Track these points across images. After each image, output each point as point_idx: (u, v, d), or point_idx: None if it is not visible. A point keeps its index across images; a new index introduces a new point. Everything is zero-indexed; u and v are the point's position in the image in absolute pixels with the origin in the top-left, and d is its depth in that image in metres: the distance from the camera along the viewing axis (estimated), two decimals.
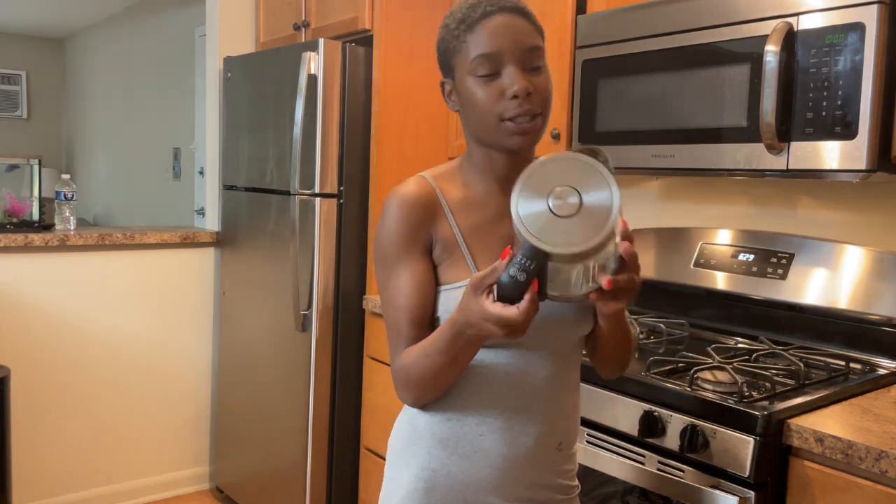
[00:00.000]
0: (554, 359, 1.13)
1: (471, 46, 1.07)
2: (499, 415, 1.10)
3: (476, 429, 1.11)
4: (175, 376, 3.18)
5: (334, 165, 2.56)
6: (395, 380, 1.12)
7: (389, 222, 1.11)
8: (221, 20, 3.17)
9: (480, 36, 1.07)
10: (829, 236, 1.93)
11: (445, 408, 1.12)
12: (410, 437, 1.16)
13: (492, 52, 1.06)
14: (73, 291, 2.91)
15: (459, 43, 1.09)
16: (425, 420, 1.14)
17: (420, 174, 1.17)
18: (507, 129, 1.07)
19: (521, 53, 1.07)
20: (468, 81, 1.08)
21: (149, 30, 5.74)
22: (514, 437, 1.11)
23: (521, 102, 1.05)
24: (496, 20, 1.07)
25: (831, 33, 1.52)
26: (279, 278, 2.76)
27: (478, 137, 1.12)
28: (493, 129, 1.08)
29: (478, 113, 1.08)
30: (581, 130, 2.08)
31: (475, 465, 1.11)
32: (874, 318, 1.74)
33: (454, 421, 1.11)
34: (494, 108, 1.06)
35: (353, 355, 2.65)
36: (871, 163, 1.49)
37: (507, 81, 1.06)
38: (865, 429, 1.30)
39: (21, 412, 2.84)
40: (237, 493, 3.06)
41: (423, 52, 2.60)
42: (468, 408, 1.11)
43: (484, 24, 1.07)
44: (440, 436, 1.12)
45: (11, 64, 7.56)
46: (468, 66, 1.08)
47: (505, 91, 1.06)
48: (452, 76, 1.13)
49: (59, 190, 2.95)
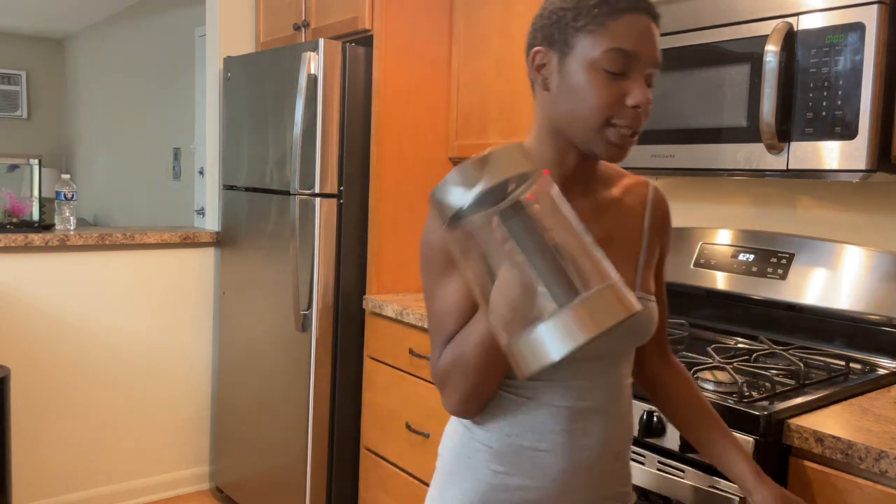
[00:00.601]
0: (609, 364, 1.07)
1: (609, 34, 0.96)
2: (561, 431, 1.04)
3: (536, 445, 1.04)
4: (175, 376, 3.18)
5: (334, 165, 2.56)
6: (437, 384, 1.04)
7: (437, 224, 1.00)
8: (221, 20, 3.17)
9: (624, 28, 0.96)
10: (829, 236, 1.93)
11: (503, 425, 1.05)
12: (465, 448, 1.09)
13: (632, 51, 0.96)
14: (73, 291, 2.91)
15: (596, 24, 0.96)
16: (482, 433, 1.07)
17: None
18: (608, 136, 0.98)
19: (652, 67, 0.99)
20: (586, 69, 0.97)
21: (149, 30, 5.74)
22: (574, 451, 1.05)
23: (636, 115, 0.98)
24: (643, 21, 0.98)
25: (831, 33, 1.52)
26: (279, 278, 2.76)
27: (563, 129, 1.02)
28: (594, 131, 0.98)
29: (583, 107, 0.98)
30: None
31: (535, 481, 1.04)
32: (874, 318, 1.74)
33: (513, 437, 1.05)
34: (608, 109, 0.97)
35: (353, 355, 2.65)
36: (871, 163, 1.49)
37: (632, 88, 0.97)
38: (865, 429, 1.30)
39: (21, 412, 2.84)
40: (237, 493, 3.06)
41: (423, 52, 2.61)
42: (526, 424, 1.04)
43: (632, 19, 0.97)
44: (498, 450, 1.05)
45: (11, 64, 7.55)
46: (595, 54, 0.96)
47: (626, 97, 0.97)
48: (560, 51, 1.00)
49: (59, 190, 2.95)
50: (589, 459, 1.06)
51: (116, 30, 6.35)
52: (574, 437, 1.04)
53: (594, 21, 0.96)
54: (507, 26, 2.40)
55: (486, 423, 1.07)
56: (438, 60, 2.65)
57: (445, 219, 0.78)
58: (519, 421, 1.04)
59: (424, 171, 2.66)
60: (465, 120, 2.60)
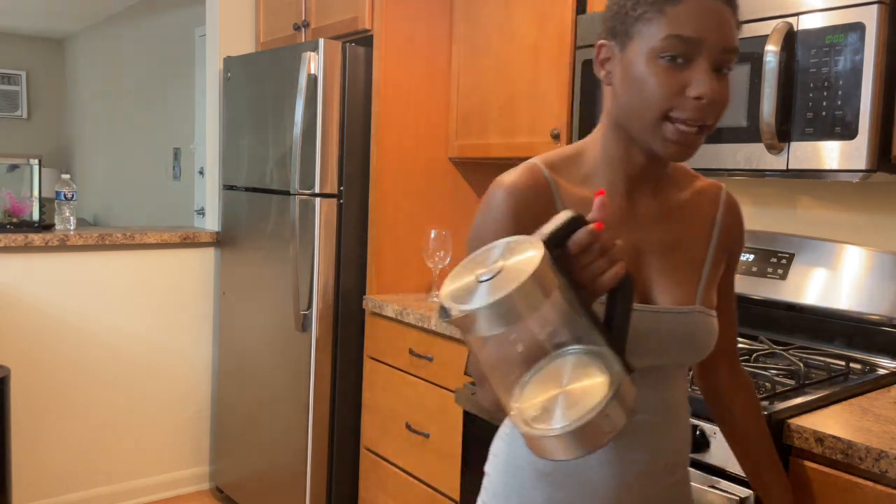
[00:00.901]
0: (662, 376, 1.01)
1: (667, 20, 0.89)
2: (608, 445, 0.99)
3: (582, 461, 0.98)
4: (175, 376, 3.18)
5: (334, 165, 2.56)
6: (475, 381, 0.99)
7: (491, 214, 0.96)
8: (221, 20, 3.17)
9: (684, 13, 0.89)
10: (829, 236, 1.93)
11: None
12: (509, 468, 1.05)
13: (692, 36, 0.89)
14: (73, 291, 2.91)
15: (654, 11, 0.90)
16: (525, 451, 1.01)
17: (533, 160, 0.99)
18: (666, 132, 0.91)
19: (719, 53, 0.90)
20: (645, 59, 0.91)
21: (149, 30, 5.74)
22: (623, 466, 0.99)
23: (698, 107, 0.89)
24: (707, 3, 0.90)
25: (831, 33, 1.52)
26: (279, 278, 2.76)
27: (625, 125, 0.96)
28: (651, 125, 0.92)
29: (642, 99, 0.91)
30: (581, 130, 2.08)
31: (584, 498, 0.99)
32: (874, 318, 1.74)
33: None
34: (666, 101, 0.90)
35: (353, 355, 2.65)
36: (871, 163, 1.49)
37: (694, 77, 0.89)
38: (865, 429, 1.30)
39: (21, 412, 2.83)
40: (237, 493, 3.06)
41: (423, 52, 2.60)
42: None
43: (694, 2, 0.89)
44: (543, 469, 1.00)
45: (11, 64, 7.55)
46: (654, 42, 0.90)
47: (688, 87, 0.89)
48: (622, 43, 0.94)
49: (59, 190, 2.95)
50: (639, 474, 1.00)
51: (116, 30, 6.35)
52: (622, 452, 0.99)
53: (652, 8, 0.90)
54: (507, 26, 2.40)
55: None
56: (438, 60, 2.65)
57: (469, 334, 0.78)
58: None
59: (424, 172, 2.66)
60: (465, 120, 2.60)
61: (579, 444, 0.74)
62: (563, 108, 2.21)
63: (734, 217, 1.11)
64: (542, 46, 2.28)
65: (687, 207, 1.06)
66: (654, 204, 1.03)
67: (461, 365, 2.13)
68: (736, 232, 1.11)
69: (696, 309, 1.02)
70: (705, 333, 1.01)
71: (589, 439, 0.74)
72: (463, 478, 2.07)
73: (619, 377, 0.76)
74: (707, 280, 1.05)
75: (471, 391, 1.99)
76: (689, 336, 1.00)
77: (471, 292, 0.75)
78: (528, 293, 0.73)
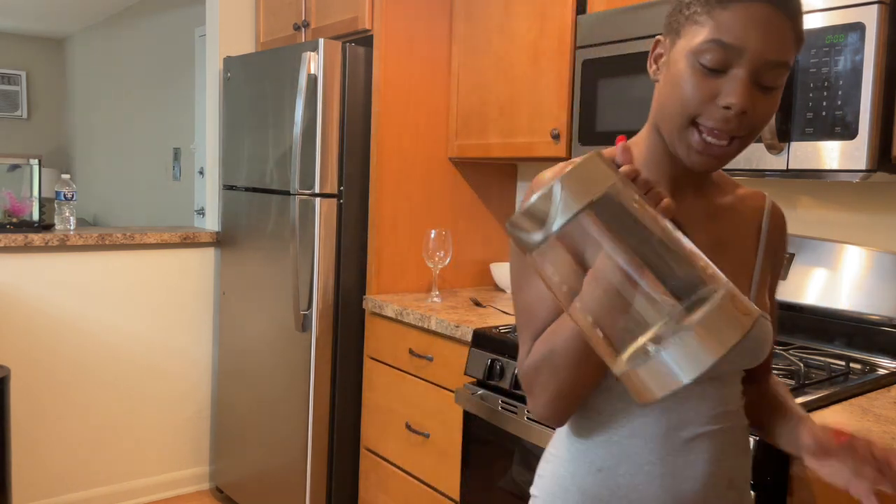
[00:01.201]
0: (718, 384, 0.97)
1: (713, 24, 0.86)
2: (657, 461, 0.94)
3: (631, 480, 0.94)
4: (175, 376, 3.18)
5: (334, 165, 2.56)
6: (524, 386, 0.95)
7: None
8: (221, 20, 3.17)
9: (730, 18, 0.85)
10: (829, 236, 1.93)
11: (593, 459, 0.97)
12: (557, 491, 1.00)
13: (732, 44, 0.85)
14: (73, 291, 2.91)
15: (703, 12, 0.87)
16: (570, 472, 0.98)
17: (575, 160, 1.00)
18: (691, 139, 0.89)
19: (762, 64, 0.86)
20: (685, 60, 0.88)
21: (149, 30, 5.74)
22: (677, 484, 0.94)
23: (726, 117, 0.86)
24: (760, 10, 0.85)
25: (831, 33, 1.52)
26: (279, 278, 2.76)
27: (659, 125, 0.94)
28: (677, 129, 0.89)
29: (673, 101, 0.89)
30: (581, 130, 2.08)
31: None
32: (874, 318, 1.74)
33: (605, 472, 0.95)
34: (694, 106, 0.87)
35: (353, 355, 2.65)
36: (871, 163, 1.49)
37: (727, 86, 0.86)
38: (865, 429, 1.30)
39: (21, 412, 2.84)
40: (237, 493, 3.06)
41: (423, 52, 2.61)
42: (619, 456, 0.95)
43: (742, 8, 0.85)
44: (590, 491, 0.96)
45: (11, 64, 7.55)
46: (695, 44, 0.87)
47: (718, 96, 0.86)
48: (672, 41, 0.91)
49: (59, 190, 2.95)
50: (695, 492, 0.94)
51: (116, 30, 6.35)
52: (674, 468, 0.94)
53: (703, 8, 0.87)
54: (507, 26, 2.40)
55: (576, 460, 0.98)
56: (438, 60, 2.65)
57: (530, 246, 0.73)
58: (610, 454, 0.95)
59: (424, 172, 2.66)
60: (465, 120, 2.60)
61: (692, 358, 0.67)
62: (563, 108, 2.21)
63: (780, 226, 1.09)
64: (542, 46, 2.28)
65: (732, 211, 1.03)
66: (698, 204, 1.00)
67: (461, 365, 2.13)
68: (781, 241, 1.09)
69: None
70: (762, 337, 0.98)
71: (702, 350, 0.67)
72: (463, 478, 2.07)
73: (727, 285, 0.70)
74: (758, 284, 1.03)
75: (471, 391, 1.99)
76: (748, 340, 0.95)
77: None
78: (597, 166, 0.71)
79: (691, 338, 0.68)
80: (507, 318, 2.25)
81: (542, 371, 0.91)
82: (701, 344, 0.68)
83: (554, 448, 1.04)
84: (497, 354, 1.95)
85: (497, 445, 1.93)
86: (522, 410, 1.84)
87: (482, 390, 1.97)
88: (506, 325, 2.07)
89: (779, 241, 1.09)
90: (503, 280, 2.74)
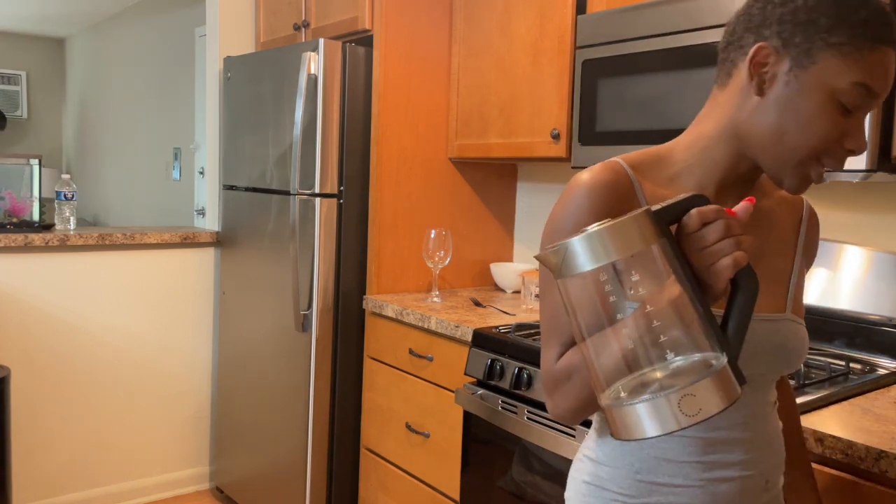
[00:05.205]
0: (752, 388, 0.97)
1: (863, 65, 0.82)
2: (696, 464, 0.94)
3: (671, 480, 0.94)
4: (175, 376, 3.18)
5: (334, 165, 2.56)
6: (548, 386, 0.94)
7: (571, 210, 0.91)
8: (221, 20, 3.17)
9: (877, 62, 0.83)
10: (829, 236, 1.93)
11: (632, 462, 0.96)
12: (591, 489, 0.99)
13: (875, 90, 0.84)
14: (73, 291, 2.91)
15: (853, 46, 0.82)
16: (608, 474, 0.97)
17: (615, 158, 0.96)
18: (805, 169, 0.87)
19: (876, 106, 0.87)
20: (820, 94, 0.84)
21: (149, 30, 5.74)
22: (715, 486, 0.94)
23: (843, 158, 0.86)
24: (892, 57, 0.84)
25: None
26: (279, 278, 2.76)
27: (752, 143, 0.90)
28: (795, 161, 0.87)
29: (800, 134, 0.85)
30: (581, 130, 2.08)
31: None
32: (874, 318, 1.74)
33: (643, 475, 0.95)
34: (821, 143, 0.85)
35: (353, 355, 2.65)
36: (872, 163, 1.49)
37: (855, 129, 0.85)
38: (865, 429, 1.30)
39: (21, 412, 2.83)
40: (237, 493, 3.06)
41: (423, 52, 2.61)
42: (658, 458, 0.95)
43: (885, 52, 0.83)
44: (628, 490, 0.96)
45: (11, 64, 7.55)
46: (841, 83, 0.83)
47: (846, 137, 0.85)
48: (797, 61, 0.85)
49: (59, 190, 2.95)
50: (733, 492, 0.95)
51: (116, 30, 6.35)
52: (712, 469, 0.94)
53: (851, 43, 0.82)
54: (507, 26, 2.40)
55: (612, 461, 0.98)
56: (438, 60, 2.65)
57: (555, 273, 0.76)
58: (647, 455, 0.95)
59: (424, 172, 2.66)
60: (465, 120, 2.60)
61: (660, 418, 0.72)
62: (563, 108, 2.21)
63: (815, 229, 1.10)
64: (542, 46, 2.28)
65: (773, 215, 1.03)
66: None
67: (461, 365, 2.13)
68: (814, 244, 1.10)
69: (786, 317, 0.99)
70: (798, 343, 0.98)
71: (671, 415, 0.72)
72: (463, 478, 2.07)
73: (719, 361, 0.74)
74: (795, 289, 1.03)
75: (471, 391, 1.99)
76: (782, 346, 0.96)
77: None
78: (625, 233, 0.71)
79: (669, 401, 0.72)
80: (506, 318, 2.25)
81: (574, 378, 0.90)
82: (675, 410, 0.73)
83: (589, 451, 1.03)
84: (497, 354, 1.95)
85: (497, 445, 1.93)
86: (522, 410, 1.83)
87: (482, 390, 1.97)
88: (505, 326, 2.07)
89: (813, 246, 1.09)
90: (503, 280, 2.74)
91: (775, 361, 0.96)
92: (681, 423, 0.72)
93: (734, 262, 0.75)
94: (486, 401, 1.93)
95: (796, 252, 1.05)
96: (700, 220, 0.76)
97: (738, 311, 0.78)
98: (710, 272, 0.76)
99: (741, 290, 0.78)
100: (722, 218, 0.76)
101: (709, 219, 0.76)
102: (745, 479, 0.96)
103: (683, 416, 0.72)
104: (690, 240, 0.76)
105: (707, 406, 0.72)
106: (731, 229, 0.76)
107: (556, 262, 0.74)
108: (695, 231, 0.76)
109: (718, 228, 0.75)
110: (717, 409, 0.72)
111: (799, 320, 1.01)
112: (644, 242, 0.72)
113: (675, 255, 0.75)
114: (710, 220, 0.76)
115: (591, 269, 0.72)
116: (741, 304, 0.78)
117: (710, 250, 0.76)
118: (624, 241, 0.72)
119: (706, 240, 0.76)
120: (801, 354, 0.98)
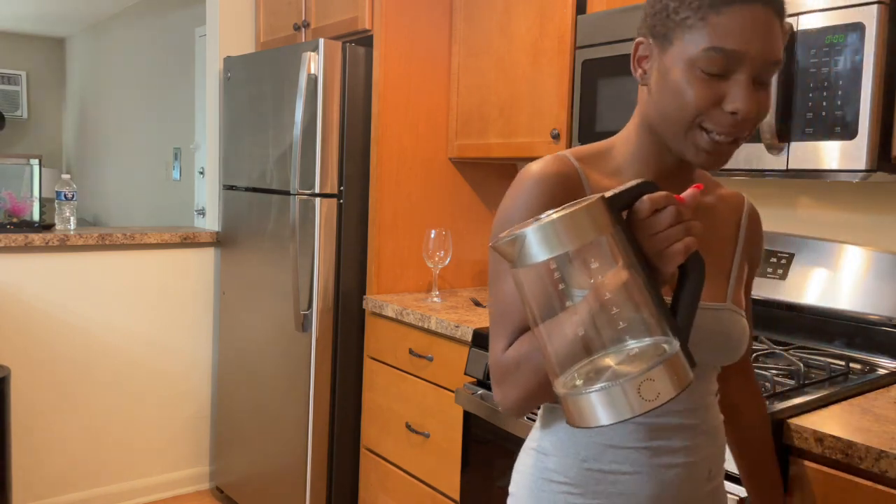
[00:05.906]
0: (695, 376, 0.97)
1: (710, 30, 0.85)
2: (643, 450, 0.95)
3: (618, 467, 0.95)
4: (175, 376, 3.18)
5: (334, 165, 2.56)
6: (496, 376, 0.93)
7: (521, 199, 0.94)
8: (221, 20, 3.17)
9: (727, 24, 0.85)
10: (829, 236, 1.93)
11: (578, 449, 0.96)
12: (538, 481, 0.99)
13: (734, 50, 0.85)
14: (73, 291, 2.91)
15: (695, 17, 0.86)
16: (556, 462, 0.98)
17: (561, 153, 0.98)
18: (699, 141, 0.89)
19: (763, 65, 0.86)
20: (682, 68, 0.87)
21: (149, 30, 5.74)
22: (661, 473, 0.95)
23: (733, 122, 0.87)
24: (754, 11, 0.85)
25: (831, 33, 1.52)
26: (279, 278, 2.76)
27: (658, 128, 0.94)
28: (682, 133, 0.90)
29: (674, 108, 0.89)
30: (581, 130, 2.08)
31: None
32: (874, 318, 1.74)
33: (590, 462, 0.95)
34: (700, 112, 0.87)
35: (353, 355, 2.65)
36: (871, 163, 1.49)
37: (733, 92, 0.86)
38: (865, 429, 1.30)
39: (21, 412, 2.84)
40: (237, 493, 3.06)
41: (423, 52, 2.61)
42: (604, 445, 0.95)
43: (737, 11, 0.84)
44: (575, 479, 0.96)
45: (11, 64, 7.55)
46: (692, 52, 0.86)
47: (724, 101, 0.87)
48: (661, 46, 0.90)
49: (59, 190, 2.95)
50: (679, 479, 0.96)
51: (116, 30, 6.35)
52: (658, 456, 0.95)
53: (695, 14, 0.86)
54: (507, 26, 2.40)
55: (558, 451, 0.98)
56: (438, 60, 2.65)
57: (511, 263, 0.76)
58: (593, 443, 0.96)
59: (424, 172, 2.66)
60: (465, 120, 2.60)
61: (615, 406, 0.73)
62: (563, 108, 2.21)
63: (756, 226, 1.12)
64: (542, 46, 2.28)
65: (714, 211, 1.06)
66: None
67: (461, 365, 2.13)
68: (757, 241, 1.12)
69: (727, 307, 1.01)
70: (738, 332, 0.99)
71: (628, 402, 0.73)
72: (463, 478, 2.07)
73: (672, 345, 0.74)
74: (735, 280, 1.05)
75: (471, 391, 1.99)
76: (724, 335, 0.98)
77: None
78: (578, 223, 0.72)
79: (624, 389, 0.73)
80: None
81: (522, 367, 0.90)
82: (630, 397, 0.73)
83: (534, 442, 1.04)
84: None
85: (497, 445, 1.93)
86: None
87: (482, 390, 1.97)
88: None
89: (755, 242, 1.12)
90: None
91: (717, 349, 0.98)
92: (641, 409, 0.73)
93: (685, 248, 0.77)
94: (486, 401, 1.93)
95: (737, 247, 1.07)
96: (651, 206, 0.77)
97: (687, 295, 0.80)
98: (662, 257, 0.78)
99: (690, 274, 0.80)
100: (672, 204, 0.78)
101: (660, 205, 0.77)
102: (689, 466, 0.97)
103: (643, 400, 0.72)
104: (642, 225, 0.78)
105: (664, 390, 0.73)
106: (681, 215, 0.78)
107: (511, 252, 0.74)
108: (646, 217, 0.78)
109: (670, 214, 0.77)
110: (673, 393, 0.73)
111: (739, 311, 1.02)
112: (598, 230, 0.73)
113: (628, 241, 0.76)
114: (661, 207, 0.77)
115: (549, 257, 0.73)
116: (690, 289, 0.80)
117: (661, 236, 0.77)
118: (579, 228, 0.73)
119: (658, 225, 0.77)
120: (743, 343, 1.00)
